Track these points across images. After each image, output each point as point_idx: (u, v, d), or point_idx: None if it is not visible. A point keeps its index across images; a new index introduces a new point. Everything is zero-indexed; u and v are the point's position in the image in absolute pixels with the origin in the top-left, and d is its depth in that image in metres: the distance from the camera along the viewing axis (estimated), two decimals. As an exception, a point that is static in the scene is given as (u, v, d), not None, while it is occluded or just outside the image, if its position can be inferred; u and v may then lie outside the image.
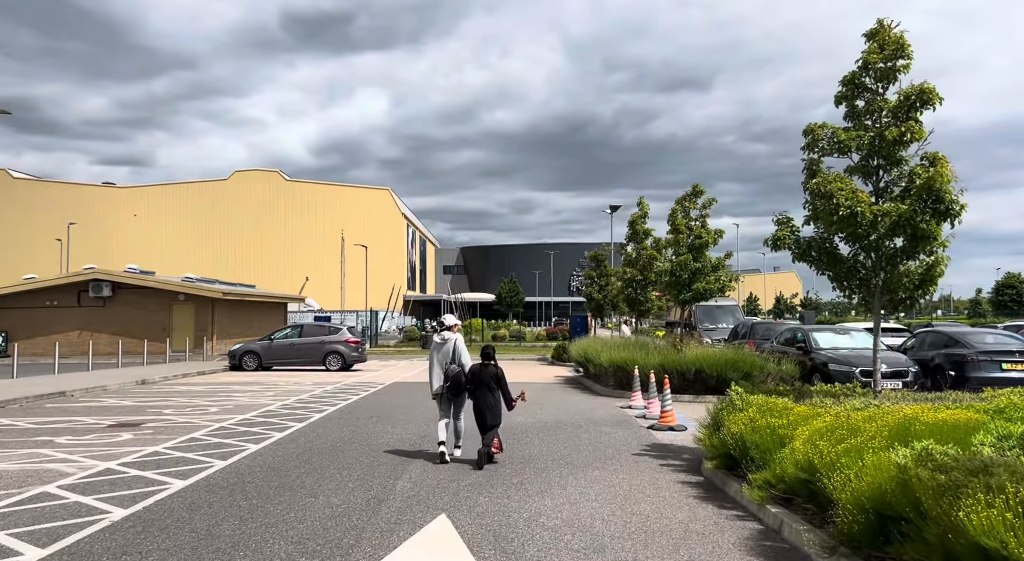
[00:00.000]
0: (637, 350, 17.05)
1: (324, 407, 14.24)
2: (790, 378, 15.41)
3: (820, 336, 16.68)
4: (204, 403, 14.99)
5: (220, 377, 22.57)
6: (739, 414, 7.26)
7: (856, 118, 8.40)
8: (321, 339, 25.95)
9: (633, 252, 22.35)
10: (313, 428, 11.45)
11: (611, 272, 30.18)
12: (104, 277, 33.56)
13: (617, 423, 12.20)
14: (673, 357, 15.86)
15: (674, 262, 16.85)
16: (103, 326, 33.82)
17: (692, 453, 9.36)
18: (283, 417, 12.74)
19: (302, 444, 9.95)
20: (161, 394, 16.98)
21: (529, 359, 32.62)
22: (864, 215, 7.34)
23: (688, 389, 15.52)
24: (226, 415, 13.02)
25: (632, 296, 22.37)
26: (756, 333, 20.76)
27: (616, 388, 16.72)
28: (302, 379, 21.51)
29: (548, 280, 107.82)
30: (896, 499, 4.06)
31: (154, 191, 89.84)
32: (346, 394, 16.90)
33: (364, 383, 20.07)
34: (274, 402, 15.12)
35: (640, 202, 22.40)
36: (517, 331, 53.96)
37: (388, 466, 8.49)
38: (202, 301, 34.26)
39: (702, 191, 17.28)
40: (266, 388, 18.46)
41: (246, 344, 26.62)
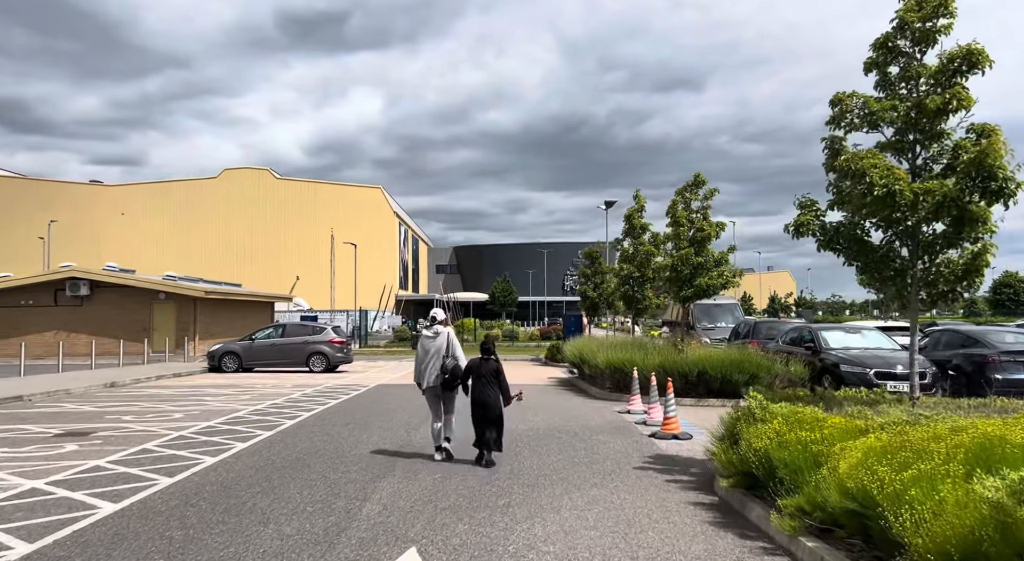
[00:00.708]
0: (635, 350, 16.04)
1: (299, 413, 13.18)
2: (799, 380, 14.45)
3: (830, 335, 15.71)
4: (170, 408, 13.90)
5: (196, 379, 21.46)
6: (761, 426, 6.25)
7: (888, 87, 7.40)
8: (304, 339, 24.87)
9: (630, 248, 21.35)
10: (282, 437, 10.39)
11: (606, 269, 29.18)
12: (82, 275, 32.37)
13: (616, 430, 11.18)
14: (674, 358, 14.87)
15: (674, 257, 15.84)
16: (81, 326, 32.63)
17: (701, 467, 8.35)
18: (251, 424, 11.67)
19: (265, 456, 8.90)
20: (127, 398, 15.88)
21: (522, 359, 31.59)
22: (903, 195, 6.35)
23: (690, 392, 14.52)
24: (190, 422, 11.94)
25: (629, 294, 21.36)
26: (760, 332, 19.77)
27: (613, 391, 15.72)
28: (282, 381, 20.42)
29: (542, 279, 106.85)
30: (997, 549, 3.07)
31: (142, 189, 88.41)
32: (325, 398, 15.84)
33: (347, 386, 19.01)
34: (246, 407, 14.05)
35: (637, 195, 21.40)
36: (510, 331, 52.94)
37: (357, 483, 7.45)
38: (184, 300, 33.12)
39: (704, 181, 16.27)
40: (241, 391, 17.37)
41: (226, 344, 25.50)
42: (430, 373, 8.62)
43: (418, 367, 8.81)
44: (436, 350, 8.66)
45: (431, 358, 8.64)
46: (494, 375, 8.50)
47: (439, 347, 8.67)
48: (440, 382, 8.63)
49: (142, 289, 32.74)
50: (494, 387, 8.44)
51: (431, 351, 8.67)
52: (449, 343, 8.73)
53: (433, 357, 8.63)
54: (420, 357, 8.79)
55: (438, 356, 8.63)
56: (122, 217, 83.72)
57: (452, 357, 8.68)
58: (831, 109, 7.39)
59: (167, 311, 33.41)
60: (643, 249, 20.42)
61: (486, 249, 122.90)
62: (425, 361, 8.67)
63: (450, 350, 8.71)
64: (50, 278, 32.47)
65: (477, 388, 8.48)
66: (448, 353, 8.69)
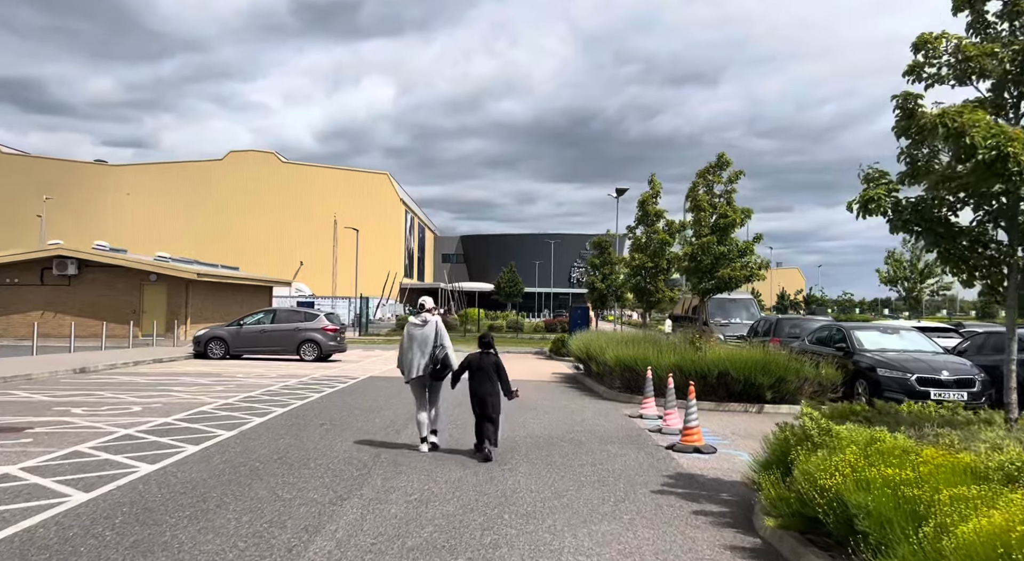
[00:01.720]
0: (648, 347, 14.61)
1: (273, 408, 11.82)
2: (831, 385, 13.01)
3: (864, 335, 14.23)
4: (132, 399, 12.57)
5: (176, 366, 20.16)
6: (824, 456, 4.81)
7: (985, 30, 5.93)
8: (295, 326, 23.52)
9: (643, 236, 19.87)
10: (242, 439, 9.02)
11: (616, 260, 27.73)
12: (69, 254, 31.11)
13: (628, 440, 9.76)
14: (691, 357, 13.43)
15: (694, 245, 14.37)
16: (68, 307, 31.40)
17: (732, 491, 6.93)
18: (214, 422, 10.32)
19: (214, 465, 7.53)
20: (91, 386, 14.56)
21: (525, 352, 30.20)
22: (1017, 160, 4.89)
23: (709, 395, 13.09)
24: (146, 417, 10.59)
25: (641, 285, 19.90)
26: (782, 330, 18.28)
27: (623, 390, 14.30)
28: (268, 371, 19.09)
29: (548, 271, 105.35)
30: None
31: (147, 170, 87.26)
32: (308, 391, 14.49)
33: (335, 377, 17.66)
34: (216, 400, 12.70)
35: (652, 180, 19.88)
36: (515, 322, 51.55)
37: (314, 506, 6.07)
38: (175, 282, 31.84)
39: (728, 162, 14.77)
40: (219, 381, 16.04)
41: (213, 329, 24.19)
42: (417, 363, 8.33)
43: (403, 356, 8.50)
44: (424, 339, 8.38)
45: (418, 347, 8.36)
46: (494, 369, 8.31)
47: (427, 336, 8.39)
48: (430, 372, 8.38)
49: (132, 270, 31.46)
50: (494, 381, 8.25)
51: (418, 340, 8.39)
52: (438, 332, 8.46)
53: (420, 346, 8.36)
54: (405, 345, 8.48)
55: (426, 345, 8.36)
56: (127, 197, 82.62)
57: (441, 346, 8.44)
58: (913, 55, 5.90)
59: (158, 293, 32.15)
60: (657, 238, 18.96)
61: (493, 238, 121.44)
62: (411, 350, 8.38)
63: (439, 339, 8.45)
64: (37, 256, 31.19)
65: (476, 382, 8.28)
66: (437, 342, 8.43)
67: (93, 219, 76.83)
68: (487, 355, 8.39)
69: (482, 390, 8.21)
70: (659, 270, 19.28)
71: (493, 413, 8.16)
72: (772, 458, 5.66)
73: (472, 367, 8.36)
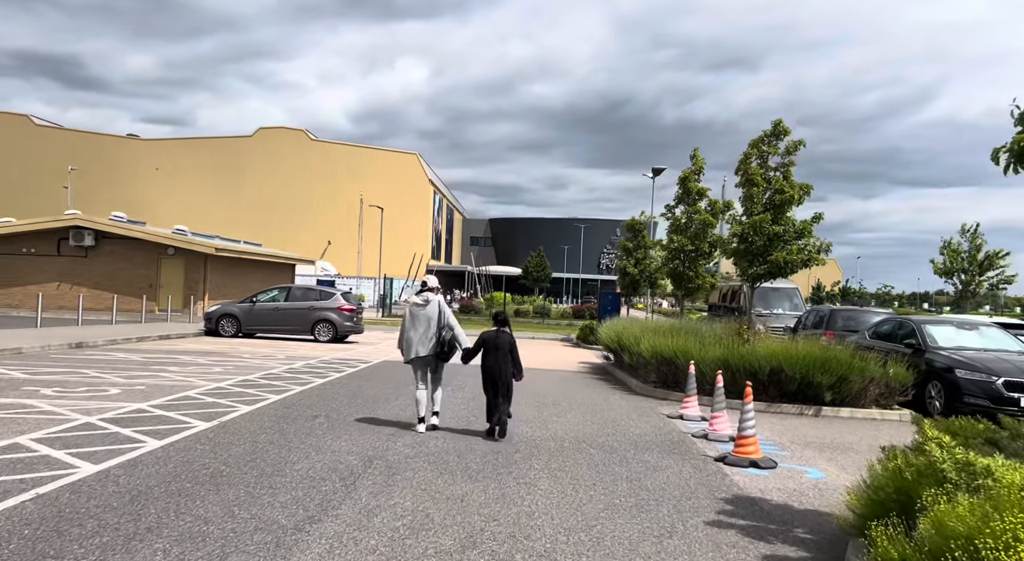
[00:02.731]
0: (689, 338, 13.08)
1: (266, 395, 10.58)
2: (900, 386, 11.39)
3: (937, 330, 12.53)
4: (115, 380, 11.42)
5: (182, 343, 19.11)
6: (979, 506, 3.31)
7: None
8: (310, 304, 22.38)
9: (682, 216, 18.22)
10: (215, 434, 7.75)
11: (650, 244, 26.09)
12: (86, 224, 30.32)
13: (669, 447, 8.30)
14: (739, 350, 11.87)
15: (745, 224, 12.75)
16: (84, 279, 30.69)
17: (806, 523, 5.46)
18: (194, 410, 9.08)
19: (170, 467, 6.24)
20: (80, 363, 13.49)
21: (552, 339, 28.78)
22: None
23: (759, 394, 11.53)
24: (119, 403, 9.40)
25: (679, 270, 18.28)
26: (835, 322, 16.53)
27: (659, 386, 12.81)
28: (277, 351, 17.94)
29: (577, 256, 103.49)
30: None
31: (177, 145, 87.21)
32: (312, 375, 13.25)
33: (346, 360, 16.43)
34: (208, 383, 11.50)
35: (695, 155, 18.19)
36: (541, 307, 50.09)
37: (271, 532, 4.73)
38: (193, 256, 30.94)
39: (786, 130, 13.08)
40: (220, 361, 14.89)
41: (225, 305, 23.16)
42: (420, 343, 8.17)
43: (404, 335, 8.30)
44: (426, 319, 8.23)
45: (421, 327, 8.21)
46: (508, 348, 8.19)
47: (429, 316, 8.24)
48: (436, 353, 8.25)
49: (150, 242, 30.61)
50: (507, 361, 8.13)
51: (421, 319, 8.23)
52: (441, 312, 8.29)
53: (423, 326, 8.21)
54: (407, 324, 8.29)
55: (429, 325, 8.22)
56: (155, 172, 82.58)
57: (447, 327, 8.29)
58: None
59: (176, 267, 31.29)
60: (699, 218, 17.30)
61: (522, 222, 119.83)
62: (413, 329, 8.23)
63: (443, 319, 8.29)
64: (53, 225, 30.47)
65: (491, 360, 8.14)
66: (443, 323, 8.27)
67: (121, 192, 76.83)
68: (503, 333, 8.25)
69: (497, 369, 8.07)
70: (700, 254, 17.66)
71: (507, 393, 8.12)
72: (882, 496, 4.16)
73: (488, 345, 8.18)
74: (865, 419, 11.14)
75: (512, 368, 8.16)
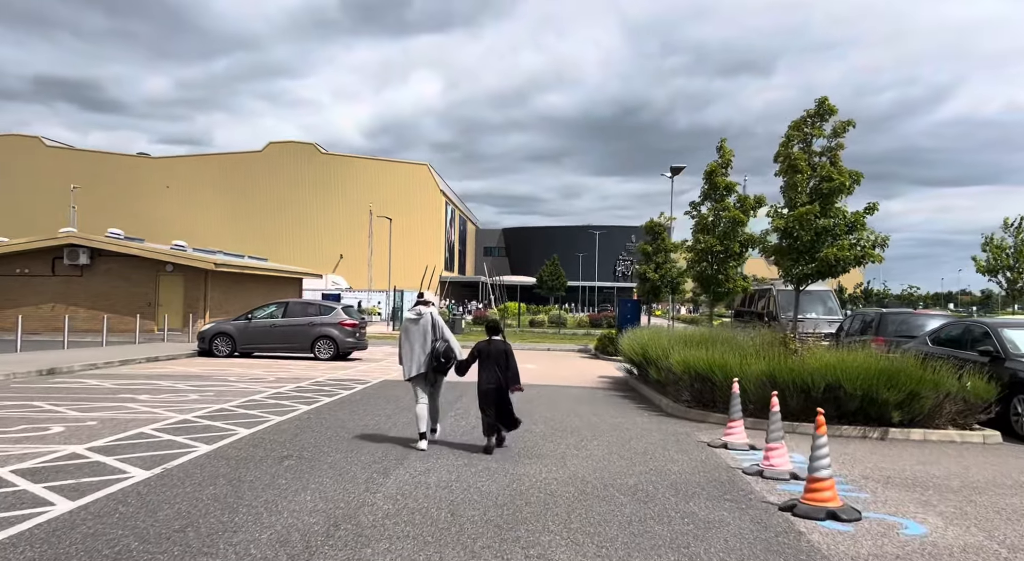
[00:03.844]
0: (725, 349, 11.42)
1: (237, 428, 9.06)
2: (981, 402, 9.67)
3: (1018, 336, 10.79)
4: (69, 413, 9.96)
5: (168, 366, 17.70)
6: None
7: None
8: (309, 320, 20.93)
9: (709, 214, 16.56)
10: (151, 488, 6.22)
11: (671, 247, 24.43)
12: (81, 242, 29.17)
13: (718, 491, 6.65)
14: (787, 363, 10.20)
15: (789, 217, 11.09)
16: (80, 299, 29.51)
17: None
18: (141, 452, 7.58)
19: (63, 547, 4.71)
20: (34, 394, 12.07)
21: (569, 350, 27.14)
22: None
23: (811, 414, 9.88)
24: (52, 446, 7.92)
25: (707, 273, 16.60)
26: (887, 327, 14.72)
27: (694, 405, 11.16)
28: (268, 372, 16.48)
29: (593, 264, 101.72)
30: None
31: (188, 162, 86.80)
32: (298, 401, 11.73)
33: (343, 381, 14.92)
34: (173, 416, 10.01)
35: (722, 146, 16.55)
36: (557, 316, 48.43)
37: None
38: (193, 273, 29.68)
39: (832, 109, 11.44)
40: (200, 387, 13.43)
41: (219, 323, 21.80)
42: (417, 359, 7.98)
43: (403, 354, 8.11)
44: (421, 333, 8.05)
45: (417, 343, 8.02)
46: (504, 357, 7.95)
47: (424, 330, 8.05)
48: (432, 367, 8.02)
49: (148, 259, 29.40)
50: (503, 370, 7.86)
51: (416, 334, 8.05)
52: (435, 325, 8.11)
53: (419, 341, 8.03)
54: (403, 341, 8.11)
55: (424, 339, 8.04)
56: (166, 190, 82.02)
57: (441, 339, 8.07)
58: None
59: (174, 284, 30.04)
60: (728, 215, 15.64)
61: (535, 231, 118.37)
62: (409, 345, 8.04)
63: (437, 332, 8.09)
64: (47, 244, 29.33)
65: (486, 371, 7.87)
66: (436, 335, 8.08)
67: (132, 211, 76.32)
68: (496, 342, 7.99)
69: (493, 381, 7.79)
70: (730, 254, 16.00)
71: (505, 403, 7.84)
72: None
73: (482, 355, 7.95)
74: (942, 442, 9.44)
75: (508, 378, 7.83)
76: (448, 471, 7.01)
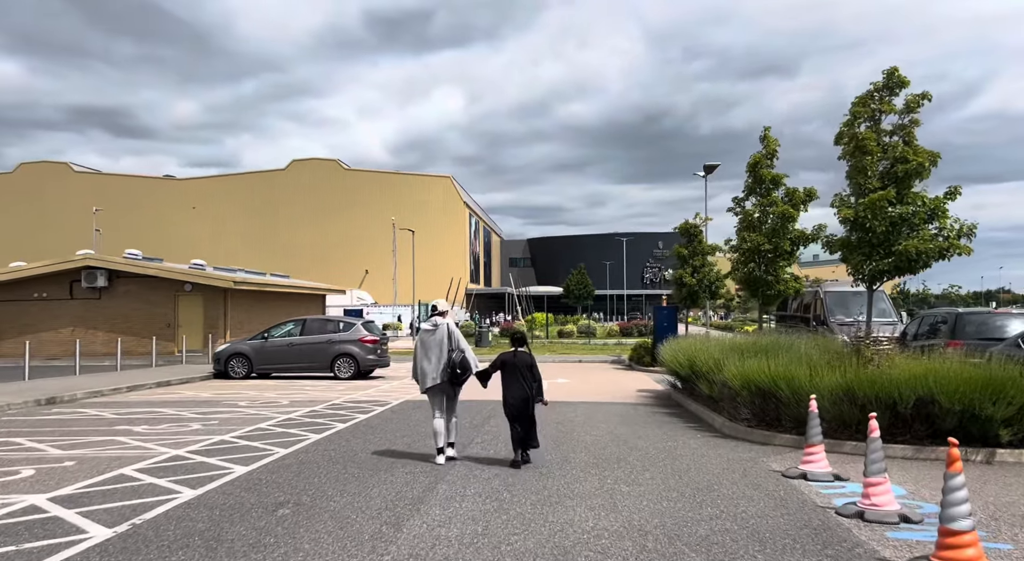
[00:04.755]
0: (788, 359, 9.99)
1: (232, 466, 7.88)
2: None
3: None
4: (47, 452, 8.89)
5: (179, 391, 16.69)
6: None
7: None
8: (328, 338, 19.84)
9: (755, 210, 15.13)
10: (103, 557, 5.03)
11: (707, 249, 22.97)
12: (98, 264, 28.55)
13: (814, 543, 5.25)
14: (868, 375, 8.76)
15: (861, 205, 9.66)
16: (99, 322, 28.85)
17: None
18: (111, 501, 6.43)
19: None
20: (20, 428, 11.05)
21: (601, 362, 25.74)
22: None
23: (900, 433, 8.45)
24: (10, 496, 6.80)
25: (754, 275, 15.14)
26: (965, 329, 13.09)
27: (755, 425, 9.73)
28: (283, 394, 15.37)
29: (620, 272, 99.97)
30: None
31: (212, 182, 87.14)
32: (308, 429, 10.55)
33: (360, 404, 13.74)
34: (166, 451, 8.88)
35: (766, 135, 15.13)
36: (586, 326, 46.96)
37: None
38: (212, 292, 28.88)
39: (904, 81, 10.02)
40: (205, 415, 12.33)
41: (234, 344, 20.80)
42: (432, 371, 7.86)
43: (418, 365, 8.02)
44: (437, 344, 7.90)
45: (433, 354, 7.88)
46: (529, 369, 7.74)
47: (440, 340, 7.90)
48: (448, 378, 7.88)
49: (166, 280, 28.66)
50: (529, 381, 7.67)
51: (431, 346, 7.92)
52: (451, 335, 7.96)
53: (435, 352, 7.88)
54: (419, 353, 8.01)
55: (440, 350, 7.89)
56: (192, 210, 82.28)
57: (457, 349, 7.93)
58: None
59: (194, 304, 29.26)
60: (776, 210, 14.20)
61: (561, 240, 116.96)
62: (425, 357, 7.92)
63: (453, 342, 7.95)
64: (64, 267, 28.73)
65: (511, 383, 7.68)
66: (452, 346, 7.93)
67: (158, 233, 76.56)
68: (521, 353, 7.80)
69: (520, 393, 7.63)
70: (779, 253, 14.54)
71: (531, 415, 7.70)
72: None
73: (506, 367, 7.77)
74: (1063, 465, 7.92)
75: (533, 391, 7.65)
76: (474, 520, 5.73)
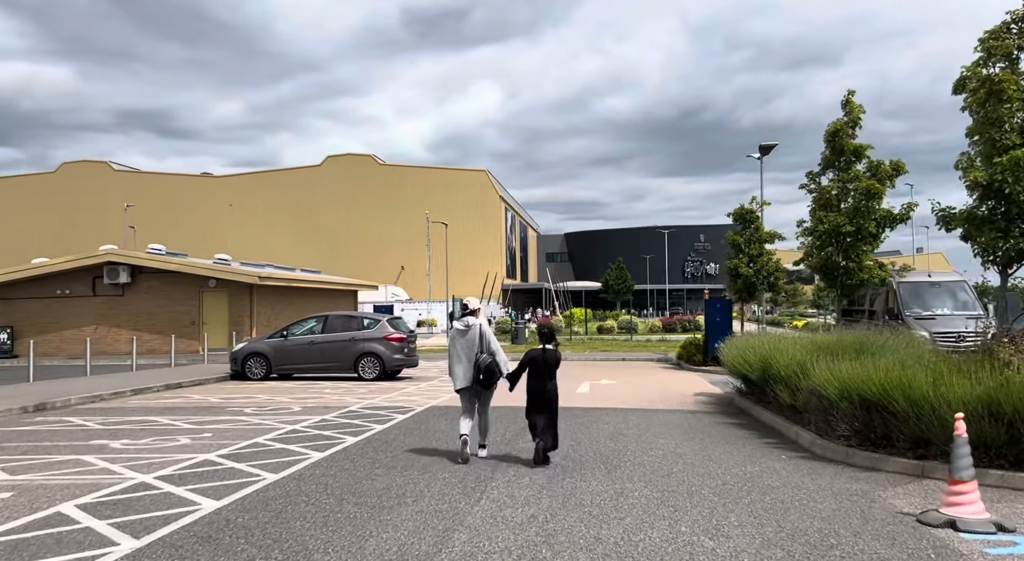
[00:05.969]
0: (893, 362, 8.01)
1: (200, 500, 6.28)
2: None
3: None
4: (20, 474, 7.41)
5: (186, 394, 15.31)
6: None
7: None
8: (351, 336, 18.32)
9: (833, 186, 13.06)
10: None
11: (765, 236, 20.87)
12: (120, 260, 27.61)
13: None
14: (1017, 385, 6.76)
15: (997, 164, 7.63)
16: (122, 319, 27.93)
17: None
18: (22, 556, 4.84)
19: None
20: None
21: (646, 360, 23.80)
22: None
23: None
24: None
25: (832, 261, 13.08)
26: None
27: (857, 444, 7.78)
28: (297, 400, 13.85)
29: (661, 266, 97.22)
30: None
31: (249, 179, 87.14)
32: (312, 445, 8.94)
33: (379, 410, 12.13)
34: (134, 476, 7.34)
35: (848, 101, 13.05)
36: (627, 322, 44.89)
37: None
38: (238, 288, 27.74)
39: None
40: (204, 424, 10.83)
41: (252, 342, 19.44)
42: (464, 372, 7.76)
43: (451, 366, 7.89)
44: (468, 345, 7.77)
45: (465, 355, 7.77)
46: (556, 366, 7.61)
47: (471, 341, 7.77)
48: (476, 381, 7.73)
49: (190, 275, 27.59)
50: (555, 379, 7.61)
51: (463, 347, 7.80)
52: (482, 336, 7.78)
53: (467, 354, 7.77)
54: (452, 353, 7.90)
55: (471, 351, 7.76)
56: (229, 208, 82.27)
57: (487, 352, 7.76)
58: None
59: (218, 300, 28.16)
60: (859, 187, 12.14)
61: (598, 234, 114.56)
62: (457, 357, 7.81)
63: (484, 344, 7.77)
64: (86, 263, 27.87)
65: (538, 381, 7.54)
66: (482, 348, 7.76)
67: (193, 230, 76.56)
68: (549, 351, 7.54)
69: (548, 391, 7.47)
70: (863, 236, 12.48)
71: (555, 413, 7.54)
72: None
73: (535, 365, 7.53)
74: None
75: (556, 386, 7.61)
76: None
